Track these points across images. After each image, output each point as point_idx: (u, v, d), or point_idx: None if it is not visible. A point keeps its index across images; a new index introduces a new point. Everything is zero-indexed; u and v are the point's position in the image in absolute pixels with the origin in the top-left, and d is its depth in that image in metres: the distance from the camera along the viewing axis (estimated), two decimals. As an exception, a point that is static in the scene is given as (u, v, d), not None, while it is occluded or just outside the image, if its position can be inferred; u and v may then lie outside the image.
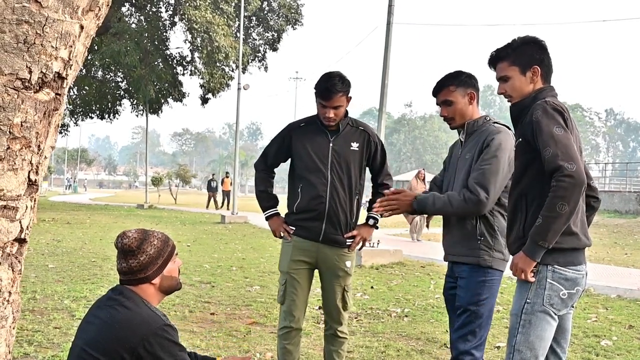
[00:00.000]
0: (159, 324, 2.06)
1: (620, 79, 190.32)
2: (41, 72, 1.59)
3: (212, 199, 28.91)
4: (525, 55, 2.44)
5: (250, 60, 25.35)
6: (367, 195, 4.23)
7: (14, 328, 1.79)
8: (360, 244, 3.44)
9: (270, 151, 3.48)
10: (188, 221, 19.25)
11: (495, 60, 2.52)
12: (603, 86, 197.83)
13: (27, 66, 1.55)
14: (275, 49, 26.16)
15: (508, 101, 2.54)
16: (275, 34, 25.88)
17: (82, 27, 1.68)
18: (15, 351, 4.00)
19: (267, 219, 3.48)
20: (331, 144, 3.31)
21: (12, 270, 1.69)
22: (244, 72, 23.85)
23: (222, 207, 28.03)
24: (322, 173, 3.28)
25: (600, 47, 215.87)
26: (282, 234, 3.41)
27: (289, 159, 3.48)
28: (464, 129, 2.94)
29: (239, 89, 22.16)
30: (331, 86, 3.19)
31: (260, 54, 26.32)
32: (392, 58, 13.47)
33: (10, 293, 1.69)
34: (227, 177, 29.38)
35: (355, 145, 3.34)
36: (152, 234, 2.21)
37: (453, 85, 2.88)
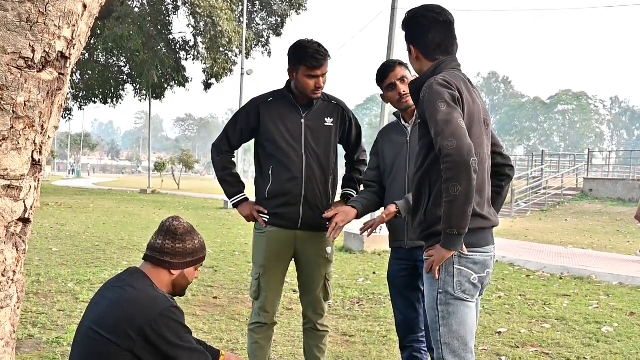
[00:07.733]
0: (166, 305, 2.08)
1: (626, 67, 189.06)
2: (44, 51, 1.58)
3: None
4: (406, 36, 2.33)
5: (253, 46, 25.22)
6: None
7: (18, 308, 1.79)
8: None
9: (234, 130, 3.09)
10: (191, 206, 19.30)
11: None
12: (608, 74, 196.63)
13: (30, 45, 1.54)
14: (279, 34, 26.01)
15: None
16: (279, 19, 25.71)
17: (85, 6, 1.66)
18: (20, 333, 4.04)
19: (235, 205, 3.11)
20: (303, 120, 2.98)
21: (17, 250, 1.69)
22: (247, 58, 23.79)
23: None
24: (295, 152, 2.95)
25: (606, 34, 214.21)
26: (257, 219, 3.05)
27: (253, 139, 3.13)
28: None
29: (242, 74, 22.10)
30: (319, 49, 2.85)
31: (263, 39, 26.18)
32: (397, 43, 13.37)
33: (14, 272, 1.70)
34: None
35: (329, 121, 3.03)
36: (198, 234, 2.31)
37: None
